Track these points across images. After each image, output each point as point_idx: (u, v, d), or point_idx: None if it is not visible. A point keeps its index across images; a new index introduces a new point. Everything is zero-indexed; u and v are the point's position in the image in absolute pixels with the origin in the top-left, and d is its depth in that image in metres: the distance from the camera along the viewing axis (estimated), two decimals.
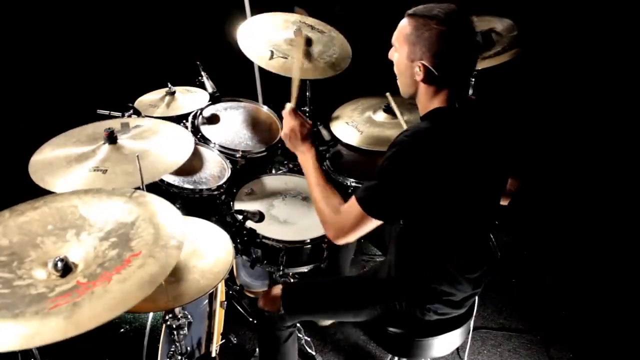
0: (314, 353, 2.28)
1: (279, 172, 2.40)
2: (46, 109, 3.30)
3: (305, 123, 1.65)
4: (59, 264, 1.08)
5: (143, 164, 1.49)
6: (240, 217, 1.85)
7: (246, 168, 2.32)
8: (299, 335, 2.25)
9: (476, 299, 1.71)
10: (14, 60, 3.24)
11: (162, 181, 2.09)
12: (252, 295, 2.42)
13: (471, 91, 2.65)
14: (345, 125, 2.37)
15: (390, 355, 2.03)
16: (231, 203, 2.09)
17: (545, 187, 3.23)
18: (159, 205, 1.28)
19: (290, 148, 1.67)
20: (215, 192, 2.15)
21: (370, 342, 2.38)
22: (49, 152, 1.68)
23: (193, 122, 2.39)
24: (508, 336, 2.43)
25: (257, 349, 2.26)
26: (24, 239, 1.16)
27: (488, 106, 1.55)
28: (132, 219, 1.22)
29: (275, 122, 2.53)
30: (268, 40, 2.30)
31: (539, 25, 2.91)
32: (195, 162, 2.26)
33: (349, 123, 2.37)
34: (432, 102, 1.43)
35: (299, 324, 1.99)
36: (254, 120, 2.54)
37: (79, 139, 1.74)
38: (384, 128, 2.31)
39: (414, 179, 1.35)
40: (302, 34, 2.26)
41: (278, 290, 1.73)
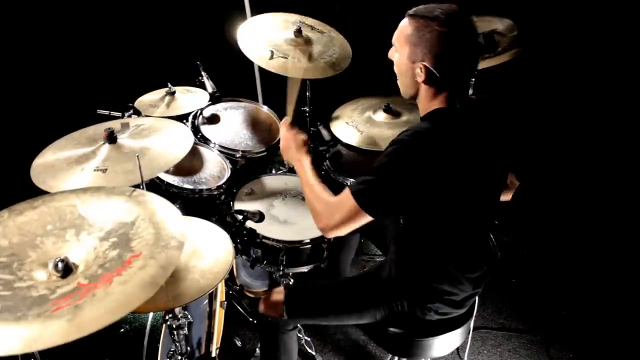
0: (314, 353, 2.28)
1: (279, 172, 2.40)
2: (46, 109, 3.30)
3: (300, 133, 1.69)
4: (60, 265, 1.07)
5: (143, 161, 1.49)
6: (240, 217, 1.85)
7: (246, 168, 2.32)
8: (299, 335, 2.25)
9: (476, 298, 1.71)
10: (14, 61, 3.24)
11: (162, 181, 2.09)
12: (252, 295, 2.42)
13: (471, 91, 2.65)
14: (345, 125, 2.37)
15: (390, 355, 2.02)
16: (231, 203, 2.09)
17: (546, 187, 3.22)
18: (158, 204, 1.27)
19: (288, 159, 1.71)
20: (215, 192, 2.15)
21: (370, 342, 2.38)
22: (50, 155, 1.68)
23: (193, 122, 2.39)
24: (508, 336, 2.43)
25: (257, 349, 2.26)
26: (24, 240, 1.16)
27: (488, 106, 1.56)
28: (132, 218, 1.21)
29: (275, 122, 2.53)
30: (268, 40, 2.30)
31: (539, 25, 2.91)
32: (195, 162, 2.26)
33: (349, 123, 2.37)
34: (433, 103, 1.43)
35: (299, 325, 1.99)
36: (254, 120, 2.54)
37: (79, 141, 1.75)
38: (384, 128, 2.31)
39: (413, 178, 1.34)
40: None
41: (279, 295, 1.71)
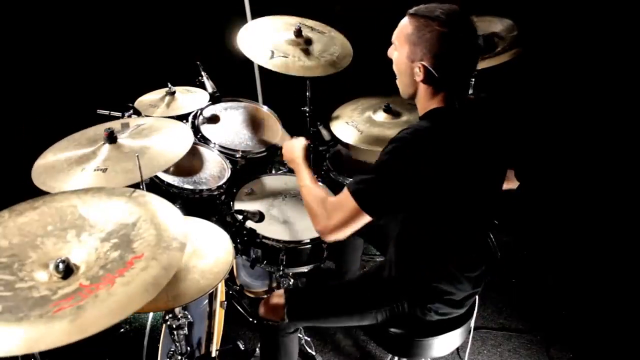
0: (314, 353, 2.28)
1: (279, 172, 2.40)
2: (46, 109, 3.30)
3: (300, 140, 1.78)
4: (61, 266, 1.07)
5: (143, 160, 1.49)
6: (240, 217, 1.85)
7: (246, 168, 2.32)
8: (299, 335, 2.25)
9: (476, 298, 1.71)
10: (14, 61, 3.24)
11: (162, 181, 2.09)
12: (252, 295, 2.42)
13: (471, 90, 2.66)
14: (345, 125, 2.37)
15: (390, 355, 2.03)
16: (231, 203, 2.09)
17: (546, 187, 3.22)
18: (159, 205, 1.27)
19: (289, 164, 1.76)
20: (215, 192, 2.15)
21: (370, 342, 2.38)
22: (51, 156, 1.68)
23: (193, 122, 2.39)
24: (508, 336, 2.43)
25: (257, 349, 2.26)
26: (24, 240, 1.16)
27: (486, 105, 1.55)
28: (133, 219, 1.21)
29: (275, 122, 2.53)
30: (268, 40, 2.30)
31: (539, 25, 2.91)
32: (195, 162, 2.26)
33: (349, 123, 2.37)
34: (431, 102, 1.43)
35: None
36: (254, 120, 2.54)
37: (80, 142, 1.74)
38: (384, 128, 2.31)
39: (413, 176, 1.34)
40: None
41: (280, 298, 1.70)
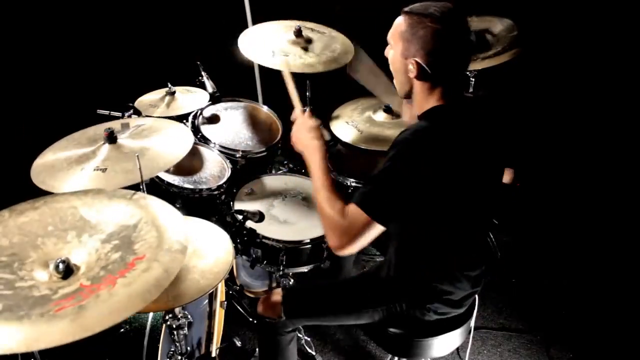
0: (314, 353, 2.28)
1: (279, 172, 2.40)
2: (46, 109, 3.30)
3: (315, 120, 1.57)
4: (61, 266, 1.07)
5: (142, 161, 1.49)
6: (240, 217, 1.85)
7: (246, 168, 2.32)
8: (299, 335, 2.24)
9: (476, 298, 1.71)
10: (14, 61, 3.24)
11: (162, 181, 2.09)
12: (252, 295, 2.42)
13: (471, 89, 2.66)
14: (345, 125, 2.37)
15: (390, 355, 2.02)
16: (231, 203, 2.09)
17: (546, 187, 3.22)
18: (160, 208, 1.27)
19: (298, 145, 1.57)
20: (215, 192, 2.15)
21: (370, 342, 2.38)
22: (50, 155, 1.68)
23: (193, 122, 2.39)
24: (508, 336, 2.43)
25: (257, 350, 2.26)
26: (24, 240, 1.16)
27: (485, 103, 1.56)
28: (134, 221, 1.21)
29: (275, 122, 2.53)
30: (269, 41, 2.30)
31: (539, 25, 2.91)
32: (195, 162, 2.26)
33: (349, 123, 2.38)
34: (429, 101, 1.43)
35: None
36: (254, 120, 2.54)
37: (79, 141, 1.74)
38: (384, 128, 2.32)
39: (419, 180, 1.33)
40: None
41: (278, 296, 1.71)
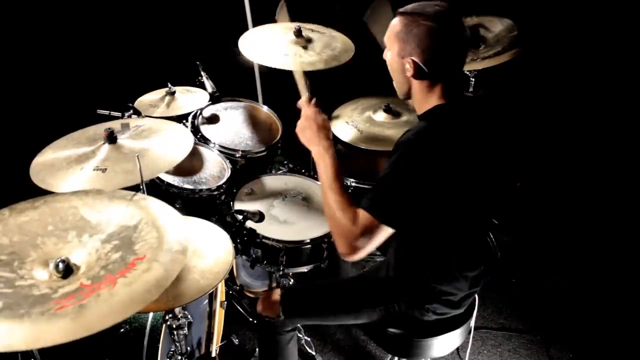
0: (314, 353, 2.28)
1: (279, 172, 2.40)
2: (46, 109, 3.30)
3: (323, 114, 1.51)
4: (60, 265, 1.07)
5: (143, 162, 1.48)
6: (240, 217, 1.85)
7: (246, 168, 2.32)
8: (299, 335, 2.24)
9: (476, 298, 1.71)
10: (14, 61, 3.24)
11: (162, 181, 2.09)
12: (252, 295, 2.42)
13: (471, 89, 2.66)
14: (345, 125, 2.37)
15: (390, 356, 2.02)
16: (231, 203, 2.08)
17: (546, 187, 3.23)
18: (160, 209, 1.27)
19: (305, 142, 1.50)
20: (215, 192, 2.15)
21: (370, 342, 2.37)
22: (50, 154, 1.68)
23: (193, 122, 2.39)
24: (508, 336, 2.43)
25: (257, 349, 2.26)
26: (24, 239, 1.16)
27: (485, 102, 1.55)
28: (135, 222, 1.21)
29: (275, 122, 2.53)
30: (268, 42, 2.31)
31: (539, 25, 2.91)
32: (195, 162, 2.26)
33: (349, 123, 2.38)
34: (428, 100, 1.42)
35: (299, 325, 1.99)
36: (254, 120, 2.54)
37: (79, 141, 1.74)
38: (384, 128, 2.32)
39: (424, 181, 1.32)
40: (284, 8, 2.10)
41: (277, 295, 1.71)
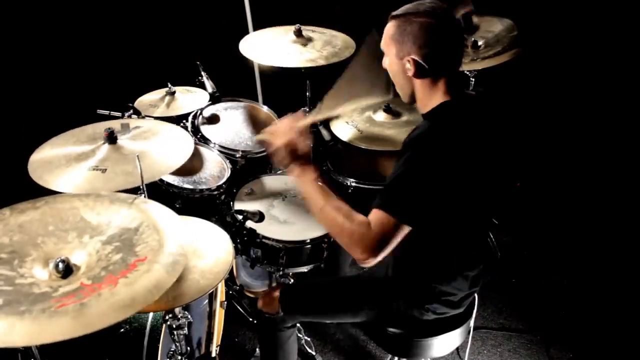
0: (314, 353, 2.27)
1: (279, 172, 2.40)
2: (46, 109, 3.30)
3: (308, 144, 1.45)
4: (60, 265, 1.07)
5: (142, 165, 1.48)
6: (240, 217, 1.85)
7: (246, 168, 2.32)
8: (299, 335, 2.24)
9: (476, 298, 1.71)
10: (14, 60, 3.24)
11: (162, 181, 2.09)
12: (252, 295, 2.42)
13: (471, 89, 2.66)
14: (345, 125, 2.37)
15: (390, 355, 2.02)
16: (231, 203, 2.09)
17: (546, 187, 3.23)
18: (161, 213, 1.27)
19: (281, 162, 1.44)
20: (215, 192, 2.15)
21: (370, 342, 2.37)
22: (48, 150, 1.68)
23: (193, 122, 2.39)
24: (508, 336, 2.43)
25: (257, 349, 2.26)
26: (25, 238, 1.16)
27: (488, 100, 1.55)
28: (136, 224, 1.22)
29: (275, 122, 2.53)
30: (269, 42, 2.32)
31: (539, 25, 2.91)
32: (195, 162, 2.26)
33: (349, 123, 2.38)
34: (433, 97, 1.41)
35: (299, 324, 1.99)
36: (254, 120, 2.54)
37: (78, 138, 1.74)
38: (384, 128, 2.32)
39: (438, 179, 1.31)
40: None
41: (276, 292, 1.73)
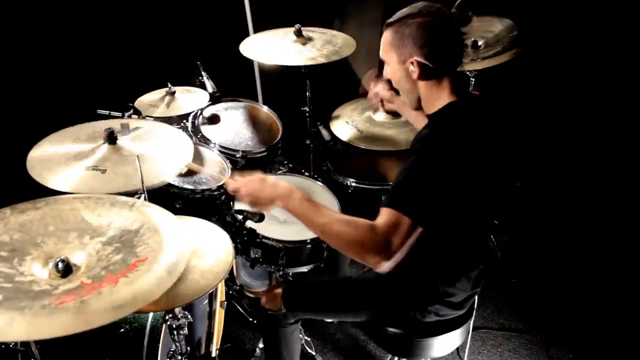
0: (314, 353, 2.28)
1: (279, 172, 2.40)
2: (46, 109, 3.30)
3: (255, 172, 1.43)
4: (60, 265, 1.08)
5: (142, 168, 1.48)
6: (240, 217, 1.85)
7: (246, 168, 2.32)
8: (299, 335, 2.25)
9: (476, 298, 1.71)
10: (14, 60, 3.24)
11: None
12: (252, 295, 2.42)
13: (471, 89, 2.66)
14: (345, 125, 2.38)
15: (390, 355, 2.02)
16: (231, 203, 2.09)
17: (545, 187, 3.23)
18: (162, 217, 1.27)
19: (264, 202, 1.38)
20: (216, 192, 2.15)
21: (370, 342, 2.38)
22: (47, 147, 1.66)
23: (193, 122, 2.39)
24: (508, 336, 2.43)
25: (257, 349, 2.26)
26: (25, 237, 1.16)
27: (491, 100, 1.55)
28: (136, 226, 1.22)
29: (275, 122, 2.53)
30: (269, 43, 2.32)
31: (539, 25, 2.91)
32: (195, 162, 2.25)
33: (349, 123, 2.38)
34: (439, 98, 1.41)
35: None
36: (254, 120, 2.54)
37: (78, 136, 1.73)
38: (384, 128, 2.32)
39: (450, 178, 1.30)
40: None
41: (279, 289, 1.74)
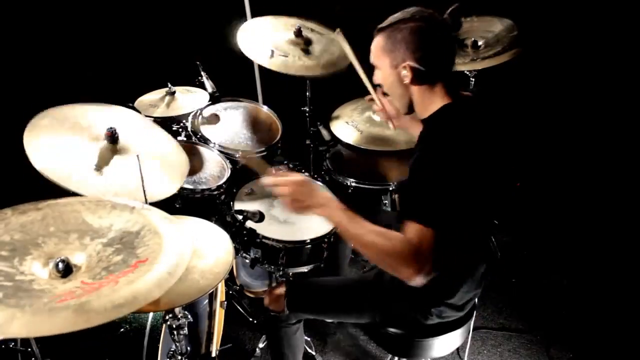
0: (314, 353, 2.28)
1: (279, 172, 2.40)
2: (46, 109, 3.30)
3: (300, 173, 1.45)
4: (60, 265, 1.08)
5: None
6: (240, 217, 1.85)
7: (246, 168, 2.32)
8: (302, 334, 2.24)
9: (476, 299, 1.71)
10: (13, 60, 3.24)
11: None
12: (252, 295, 2.42)
13: (470, 89, 2.66)
14: (345, 125, 2.38)
15: (390, 356, 2.03)
16: (231, 203, 2.09)
17: (545, 187, 3.23)
18: (162, 221, 1.27)
19: (305, 207, 1.39)
20: (215, 192, 2.15)
21: (370, 342, 2.38)
22: (46, 123, 1.66)
23: (193, 122, 2.39)
24: (508, 336, 2.43)
25: (257, 349, 2.26)
26: (26, 237, 1.16)
27: (485, 101, 1.54)
28: (137, 228, 1.22)
29: (275, 122, 2.53)
30: (268, 39, 2.31)
31: (539, 25, 2.91)
32: (195, 162, 2.25)
33: (349, 123, 2.38)
34: (433, 102, 1.41)
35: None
36: (254, 120, 2.54)
37: (76, 129, 1.70)
38: (384, 128, 2.32)
39: (461, 181, 1.30)
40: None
41: (282, 289, 1.74)
